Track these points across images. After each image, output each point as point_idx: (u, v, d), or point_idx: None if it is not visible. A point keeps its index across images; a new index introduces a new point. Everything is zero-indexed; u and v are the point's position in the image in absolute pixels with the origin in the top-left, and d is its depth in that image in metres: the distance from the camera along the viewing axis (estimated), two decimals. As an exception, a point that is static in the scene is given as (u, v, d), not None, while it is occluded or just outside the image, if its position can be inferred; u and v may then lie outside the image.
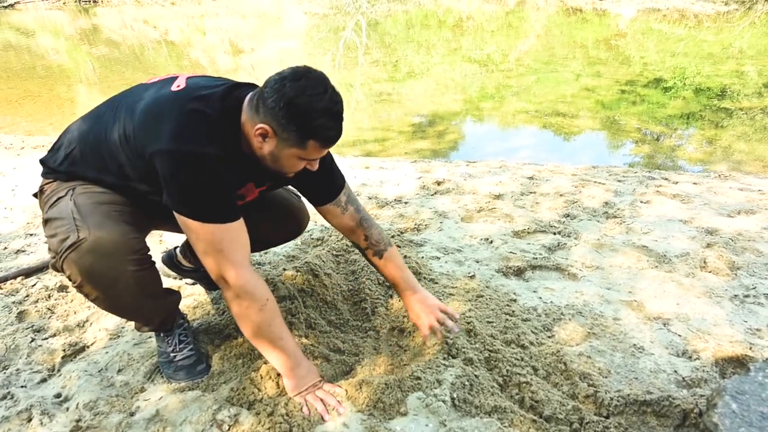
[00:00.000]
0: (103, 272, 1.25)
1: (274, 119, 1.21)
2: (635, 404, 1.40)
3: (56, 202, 1.32)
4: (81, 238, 1.21)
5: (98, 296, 1.30)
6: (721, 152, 4.31)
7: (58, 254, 1.23)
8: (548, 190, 3.08)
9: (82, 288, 1.27)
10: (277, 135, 1.23)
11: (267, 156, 1.28)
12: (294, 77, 1.20)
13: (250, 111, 1.26)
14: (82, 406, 1.41)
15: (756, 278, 2.04)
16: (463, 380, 1.42)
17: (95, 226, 1.24)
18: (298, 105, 1.19)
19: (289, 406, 1.35)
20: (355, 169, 3.63)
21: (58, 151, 1.41)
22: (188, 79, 1.34)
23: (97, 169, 1.35)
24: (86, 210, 1.27)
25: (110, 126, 1.32)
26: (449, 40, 10.62)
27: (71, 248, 1.21)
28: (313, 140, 1.24)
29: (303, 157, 1.28)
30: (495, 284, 2.01)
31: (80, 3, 19.22)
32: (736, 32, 9.63)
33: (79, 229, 1.22)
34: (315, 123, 1.21)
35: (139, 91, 1.37)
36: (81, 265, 1.22)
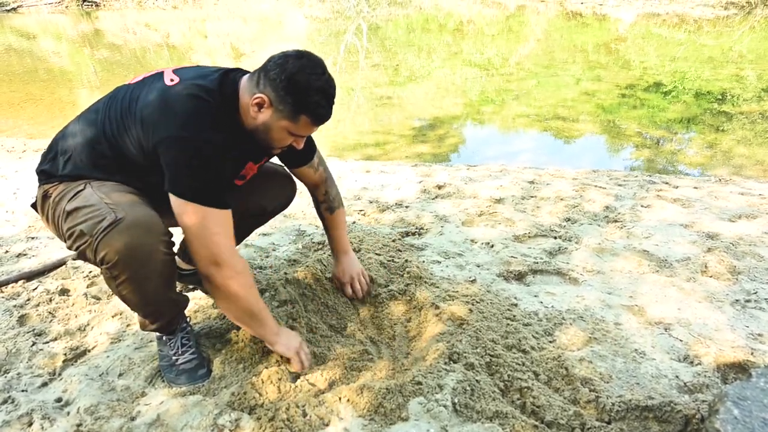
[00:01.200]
0: (139, 250, 1.28)
1: (273, 90, 1.34)
2: (637, 410, 1.39)
3: (76, 195, 1.34)
4: (119, 218, 1.26)
5: (127, 278, 1.32)
6: (721, 156, 4.31)
7: (93, 236, 1.26)
8: (549, 194, 3.09)
9: (113, 269, 1.29)
10: (273, 105, 1.35)
11: (260, 126, 1.39)
12: (297, 56, 1.36)
13: (250, 85, 1.39)
14: (83, 410, 1.41)
15: (757, 283, 2.04)
16: (464, 385, 1.42)
17: (129, 207, 1.30)
18: (297, 80, 1.32)
19: (290, 411, 1.35)
20: (356, 173, 3.63)
21: (55, 160, 1.44)
22: (177, 72, 1.41)
23: (104, 172, 1.40)
24: (115, 196, 1.33)
25: (108, 129, 1.39)
26: (450, 44, 10.64)
27: (110, 228, 1.25)
28: (305, 116, 1.36)
29: (292, 131, 1.40)
30: (496, 289, 2.01)
31: (82, 7, 19.27)
32: (735, 36, 9.64)
33: (115, 210, 1.28)
34: (310, 99, 1.35)
35: (129, 93, 1.42)
36: (119, 243, 1.25)
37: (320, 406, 1.38)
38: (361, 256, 2.16)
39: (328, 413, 1.37)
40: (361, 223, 2.64)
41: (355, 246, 2.22)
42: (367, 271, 1.95)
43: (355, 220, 2.69)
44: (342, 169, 3.77)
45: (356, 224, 2.62)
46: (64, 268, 2.22)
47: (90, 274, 2.16)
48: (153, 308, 1.49)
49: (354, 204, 2.95)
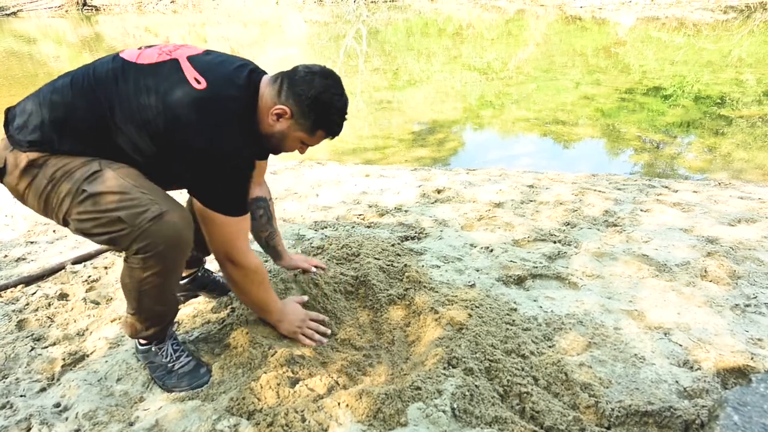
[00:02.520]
0: (182, 242, 1.35)
1: (297, 105, 1.41)
2: (636, 415, 1.39)
3: (94, 175, 1.30)
4: (164, 210, 1.30)
5: (160, 270, 1.35)
6: (721, 160, 4.31)
7: (136, 225, 1.27)
8: (548, 198, 3.09)
9: (151, 259, 1.31)
10: (294, 118, 1.43)
11: (276, 133, 1.46)
12: (322, 75, 1.44)
13: (272, 92, 1.43)
14: (81, 415, 1.41)
15: (757, 287, 2.04)
16: (463, 390, 1.42)
17: (166, 200, 1.34)
18: (322, 100, 1.42)
19: (289, 416, 1.35)
20: (356, 177, 3.64)
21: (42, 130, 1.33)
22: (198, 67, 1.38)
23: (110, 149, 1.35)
24: (144, 185, 1.33)
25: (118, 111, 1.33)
26: (449, 48, 10.66)
27: (156, 219, 1.28)
28: (322, 131, 1.48)
29: (305, 142, 1.50)
30: (495, 293, 2.01)
31: (82, 11, 19.32)
32: (734, 40, 9.66)
33: (157, 202, 1.30)
34: (330, 117, 1.46)
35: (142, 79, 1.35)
36: (166, 235, 1.30)
37: (319, 411, 1.38)
38: (360, 261, 2.16)
39: (327, 418, 1.36)
40: (360, 228, 2.64)
41: (354, 250, 2.22)
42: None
43: (355, 225, 2.69)
44: (341, 173, 3.77)
45: (355, 228, 2.62)
46: (62, 273, 2.22)
47: (89, 278, 2.16)
48: (161, 309, 1.49)
49: (353, 208, 2.95)
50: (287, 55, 10.39)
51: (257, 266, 1.55)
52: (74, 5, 19.51)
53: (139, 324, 1.49)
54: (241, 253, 1.49)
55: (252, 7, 19.47)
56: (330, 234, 2.54)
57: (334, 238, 2.41)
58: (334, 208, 2.96)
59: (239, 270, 1.52)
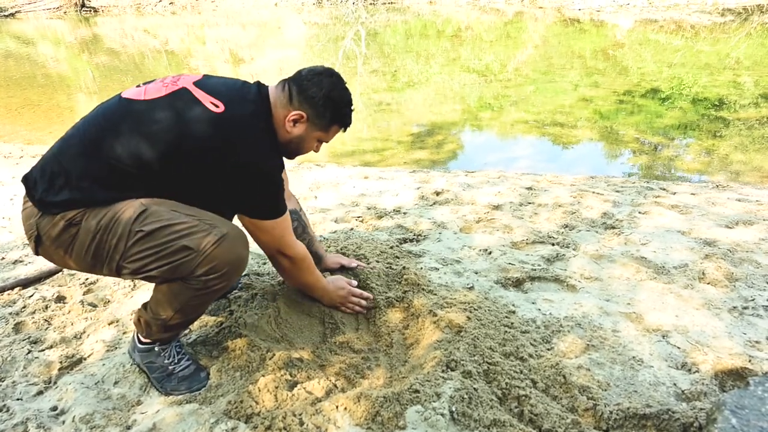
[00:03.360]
0: (244, 261, 1.44)
1: (312, 107, 1.49)
2: (635, 417, 1.39)
3: (142, 215, 1.33)
4: (225, 233, 1.36)
5: (219, 288, 1.41)
6: (718, 162, 4.32)
7: (202, 249, 1.33)
8: (547, 200, 3.09)
9: (216, 279, 1.37)
10: (310, 120, 1.50)
11: (294, 138, 1.52)
12: (327, 74, 1.52)
13: (282, 100, 1.49)
14: (78, 419, 1.40)
15: (755, 290, 2.04)
16: (461, 393, 1.42)
17: (222, 222, 1.41)
18: (334, 97, 1.51)
19: (287, 419, 1.34)
20: (354, 179, 3.64)
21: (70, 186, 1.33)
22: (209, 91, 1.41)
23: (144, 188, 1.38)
24: (195, 211, 1.40)
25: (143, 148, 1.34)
26: (448, 50, 10.68)
27: (220, 240, 1.34)
28: (337, 125, 1.57)
29: (321, 139, 1.59)
30: (494, 296, 2.01)
31: (80, 12, 19.32)
32: (732, 43, 9.69)
33: (215, 225, 1.37)
34: (342, 111, 1.55)
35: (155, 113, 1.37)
36: (232, 255, 1.38)
37: (317, 414, 1.38)
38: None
39: (325, 422, 1.36)
40: (359, 230, 2.64)
41: (352, 252, 2.22)
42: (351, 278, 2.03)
43: (353, 227, 2.69)
44: (340, 175, 3.77)
45: (354, 231, 2.62)
46: (60, 276, 2.22)
47: (86, 281, 2.16)
48: (192, 318, 1.53)
49: (352, 210, 2.95)
50: (286, 57, 10.40)
51: (305, 254, 1.68)
52: (72, 6, 19.51)
53: (156, 327, 1.49)
54: (290, 246, 1.61)
55: (251, 8, 19.48)
56: (328, 236, 2.53)
57: (332, 240, 2.41)
58: (332, 210, 2.95)
59: (290, 260, 1.64)
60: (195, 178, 1.40)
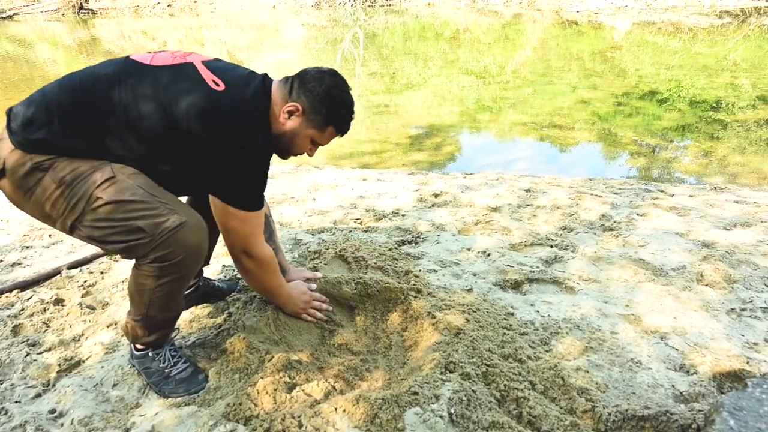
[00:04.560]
0: (201, 250, 1.39)
1: (309, 101, 1.46)
2: (633, 419, 1.39)
3: (108, 182, 1.30)
4: (184, 220, 1.32)
5: (177, 277, 1.38)
6: (716, 164, 4.33)
7: (157, 234, 1.30)
8: (545, 202, 3.09)
9: (171, 267, 1.34)
10: (305, 114, 1.47)
11: (287, 132, 1.49)
12: (331, 74, 1.51)
13: (282, 93, 1.48)
14: (77, 421, 1.40)
15: (752, 291, 2.05)
16: (460, 395, 1.42)
17: (185, 209, 1.37)
18: (333, 95, 1.48)
19: (286, 422, 1.34)
20: (353, 181, 3.64)
21: (51, 127, 1.30)
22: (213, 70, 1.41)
23: (121, 148, 1.35)
24: (160, 193, 1.36)
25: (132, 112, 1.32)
26: (446, 52, 10.69)
27: (178, 228, 1.31)
28: (332, 127, 1.53)
29: (316, 140, 1.54)
30: (492, 298, 2.01)
31: (78, 14, 19.31)
32: (730, 45, 9.72)
33: (176, 212, 1.33)
34: (340, 113, 1.51)
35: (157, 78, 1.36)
36: (188, 243, 1.34)
37: (316, 416, 1.38)
38: (357, 265, 2.16)
39: (323, 424, 1.36)
40: (357, 232, 2.64)
41: (351, 254, 2.22)
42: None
43: (352, 229, 2.69)
44: (338, 177, 3.77)
45: (352, 233, 2.62)
46: (58, 278, 2.21)
47: (85, 283, 2.15)
48: (168, 315, 1.51)
49: (350, 212, 2.95)
50: (284, 59, 10.40)
51: (272, 257, 1.63)
52: (71, 9, 19.50)
53: (140, 330, 1.49)
54: (259, 245, 1.56)
55: (249, 10, 19.49)
56: (327, 238, 2.54)
57: (331, 243, 2.41)
58: (331, 213, 2.96)
59: (255, 262, 1.58)
60: (179, 148, 1.37)
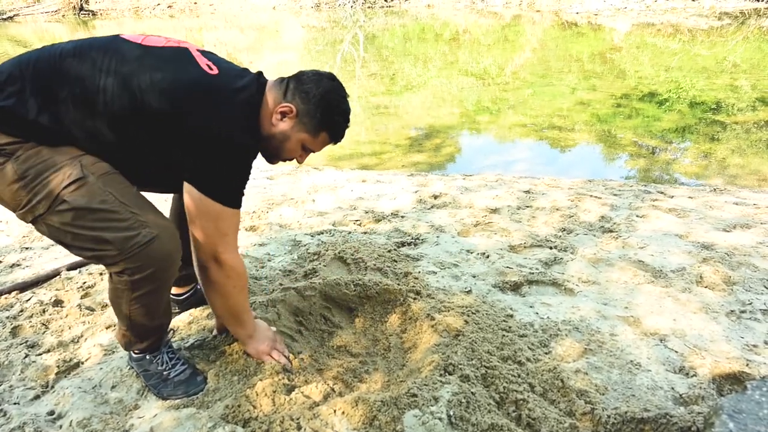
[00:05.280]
0: (172, 264, 1.33)
1: (304, 103, 1.41)
2: (632, 422, 1.39)
3: (77, 184, 1.21)
4: (155, 234, 1.25)
5: (152, 290, 1.33)
6: (716, 166, 4.33)
7: (126, 249, 1.23)
8: (545, 204, 3.09)
9: (141, 280, 1.28)
10: (299, 117, 1.42)
11: (278, 134, 1.43)
12: (330, 78, 1.47)
13: (277, 93, 1.43)
14: (75, 423, 1.40)
15: (752, 293, 2.05)
16: (459, 397, 1.42)
17: (158, 220, 1.30)
18: (329, 99, 1.43)
19: (285, 424, 1.34)
20: (352, 182, 3.64)
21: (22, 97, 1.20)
22: (207, 57, 1.39)
23: (88, 132, 1.25)
24: (131, 201, 1.28)
25: (110, 90, 1.23)
26: (446, 54, 10.70)
27: (147, 244, 1.24)
28: (326, 133, 1.46)
29: (307, 145, 1.48)
30: (491, 299, 2.01)
31: (79, 15, 19.32)
32: (729, 46, 9.72)
33: (148, 225, 1.26)
34: (335, 118, 1.46)
35: (145, 57, 1.28)
36: (157, 257, 1.27)
37: (315, 418, 1.38)
38: (356, 267, 2.16)
39: (322, 426, 1.36)
40: (356, 233, 2.64)
41: (350, 256, 2.22)
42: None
43: (351, 231, 2.69)
44: (338, 178, 3.77)
45: (352, 234, 2.62)
46: (57, 279, 2.21)
47: (84, 285, 2.15)
48: (154, 323, 1.46)
49: (350, 214, 2.95)
50: (284, 60, 10.41)
51: (243, 270, 1.48)
52: (71, 10, 19.50)
53: (131, 338, 1.49)
54: (231, 252, 1.42)
55: (249, 11, 19.51)
56: (326, 240, 2.53)
57: (330, 244, 2.41)
58: (330, 214, 2.95)
59: (223, 270, 1.42)
60: (159, 136, 1.29)
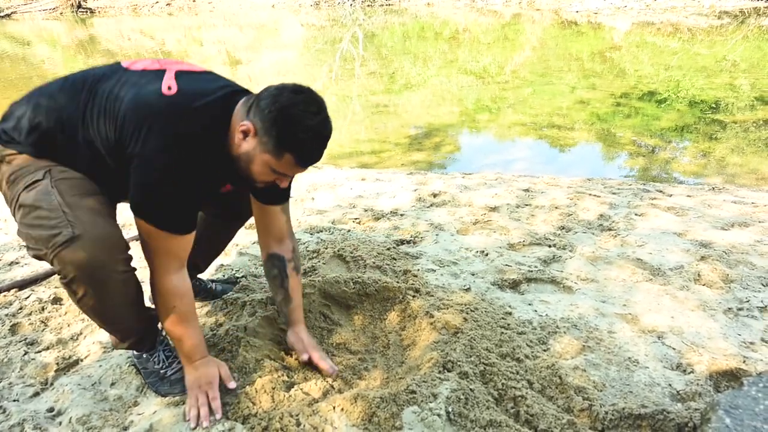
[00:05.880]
0: (96, 269, 1.24)
1: (261, 120, 1.25)
2: (630, 418, 1.40)
3: (33, 185, 1.26)
4: (76, 234, 1.20)
5: (86, 294, 1.27)
6: (715, 165, 4.34)
7: (49, 249, 1.21)
8: (544, 202, 3.10)
9: (71, 285, 1.25)
10: (258, 136, 1.27)
11: (242, 155, 1.32)
12: (294, 90, 1.27)
13: (242, 111, 1.31)
14: (75, 420, 1.40)
15: (749, 291, 2.05)
16: (458, 394, 1.42)
17: (88, 220, 1.24)
18: (287, 114, 1.24)
19: (284, 420, 1.35)
20: (352, 180, 3.64)
21: (20, 120, 1.31)
22: (178, 80, 1.32)
23: (68, 150, 1.31)
24: (73, 202, 1.25)
25: (88, 108, 1.30)
26: (445, 52, 10.70)
27: (66, 244, 1.19)
28: (290, 154, 1.27)
29: (275, 168, 1.31)
30: (490, 297, 2.02)
31: (77, 13, 19.30)
32: (729, 45, 9.73)
33: (73, 224, 1.21)
34: (297, 137, 1.25)
35: (121, 77, 1.33)
36: (76, 261, 1.21)
37: (314, 415, 1.38)
38: (355, 265, 2.16)
39: (321, 422, 1.36)
40: (356, 231, 2.64)
41: (349, 254, 2.22)
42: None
43: (350, 229, 2.69)
44: (337, 176, 3.78)
45: (351, 232, 2.62)
46: (56, 277, 2.21)
47: (83, 282, 2.15)
48: (117, 325, 1.44)
49: (349, 212, 2.96)
50: (283, 59, 10.40)
51: (174, 294, 1.38)
52: (69, 7, 19.48)
53: (113, 337, 1.51)
54: (161, 274, 1.36)
55: (248, 10, 19.49)
56: (326, 238, 2.54)
57: (329, 242, 2.42)
58: (329, 212, 2.96)
59: (154, 290, 1.39)
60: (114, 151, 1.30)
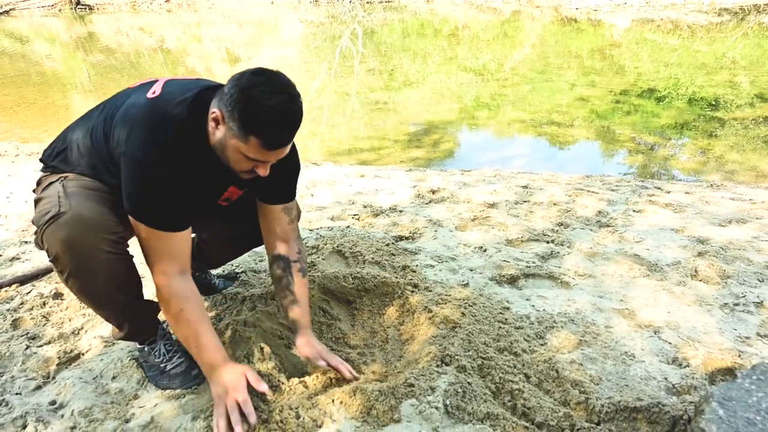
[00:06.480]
0: (78, 245, 1.26)
1: (224, 105, 1.25)
2: (626, 411, 1.41)
3: (47, 187, 1.40)
4: (61, 211, 1.26)
5: (71, 272, 1.29)
6: (713, 162, 4.35)
7: (39, 227, 1.28)
8: (542, 199, 3.11)
9: (57, 261, 1.28)
10: (225, 122, 1.27)
11: (216, 144, 1.33)
12: (255, 72, 1.26)
13: (215, 101, 1.31)
14: (77, 413, 1.42)
15: (746, 287, 2.07)
16: (456, 387, 1.44)
17: (76, 203, 1.30)
18: (246, 96, 1.22)
19: (284, 413, 1.36)
20: (351, 177, 3.65)
21: (53, 147, 1.50)
22: (165, 85, 1.39)
23: (87, 167, 1.43)
24: (72, 191, 1.34)
25: (96, 128, 1.41)
26: (445, 49, 10.69)
27: (51, 220, 1.26)
28: (254, 137, 1.24)
29: (245, 153, 1.28)
30: (488, 292, 2.03)
31: (76, 10, 19.25)
32: (728, 43, 9.73)
33: (61, 204, 1.28)
34: (257, 118, 1.22)
35: (122, 97, 1.44)
36: (58, 236, 1.25)
37: (313, 408, 1.39)
38: (355, 260, 2.18)
39: (320, 415, 1.38)
40: (355, 228, 2.66)
41: (348, 249, 2.24)
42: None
43: (350, 225, 2.71)
44: (336, 173, 3.79)
45: (350, 228, 2.64)
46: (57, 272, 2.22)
47: (84, 277, 2.16)
48: (109, 312, 1.46)
49: (348, 208, 2.97)
50: (283, 56, 10.40)
51: (181, 294, 1.37)
52: (67, 4, 19.44)
53: (111, 324, 1.53)
54: (158, 273, 1.36)
55: (247, 6, 19.45)
56: (325, 234, 2.55)
57: (329, 238, 2.43)
58: (328, 209, 2.97)
59: (159, 298, 1.39)
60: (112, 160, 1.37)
